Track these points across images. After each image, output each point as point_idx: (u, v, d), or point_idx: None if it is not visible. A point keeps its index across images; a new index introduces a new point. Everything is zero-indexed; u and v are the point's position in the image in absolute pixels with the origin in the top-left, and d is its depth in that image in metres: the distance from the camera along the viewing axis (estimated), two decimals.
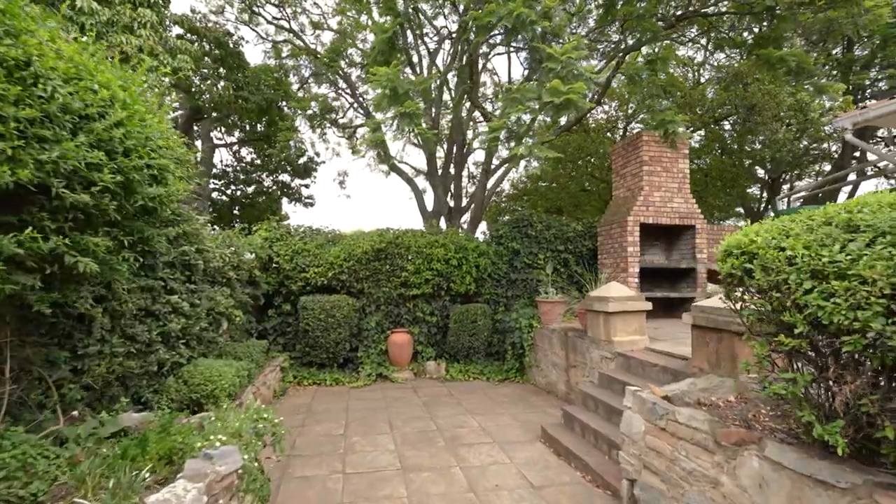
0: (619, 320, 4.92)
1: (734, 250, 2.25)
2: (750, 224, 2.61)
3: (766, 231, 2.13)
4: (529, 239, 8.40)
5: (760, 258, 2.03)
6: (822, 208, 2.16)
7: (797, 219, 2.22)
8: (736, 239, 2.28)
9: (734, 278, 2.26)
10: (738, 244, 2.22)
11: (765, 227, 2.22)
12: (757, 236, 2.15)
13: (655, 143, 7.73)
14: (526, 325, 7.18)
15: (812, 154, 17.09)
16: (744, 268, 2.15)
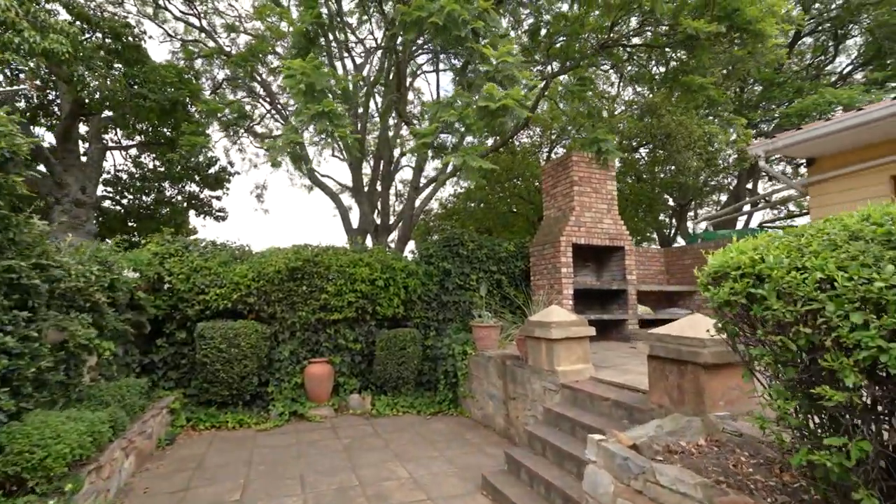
0: (563, 348, 4.53)
1: (730, 272, 1.86)
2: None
3: (774, 247, 1.76)
4: (461, 258, 7.94)
5: (774, 281, 1.64)
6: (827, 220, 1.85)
7: (783, 235, 1.90)
8: (730, 258, 1.90)
9: (732, 308, 1.87)
10: (737, 264, 1.83)
11: (764, 242, 1.86)
12: (760, 253, 1.77)
13: (585, 164, 7.70)
14: (459, 352, 6.64)
15: (710, 185, 18.71)
16: (748, 294, 1.76)
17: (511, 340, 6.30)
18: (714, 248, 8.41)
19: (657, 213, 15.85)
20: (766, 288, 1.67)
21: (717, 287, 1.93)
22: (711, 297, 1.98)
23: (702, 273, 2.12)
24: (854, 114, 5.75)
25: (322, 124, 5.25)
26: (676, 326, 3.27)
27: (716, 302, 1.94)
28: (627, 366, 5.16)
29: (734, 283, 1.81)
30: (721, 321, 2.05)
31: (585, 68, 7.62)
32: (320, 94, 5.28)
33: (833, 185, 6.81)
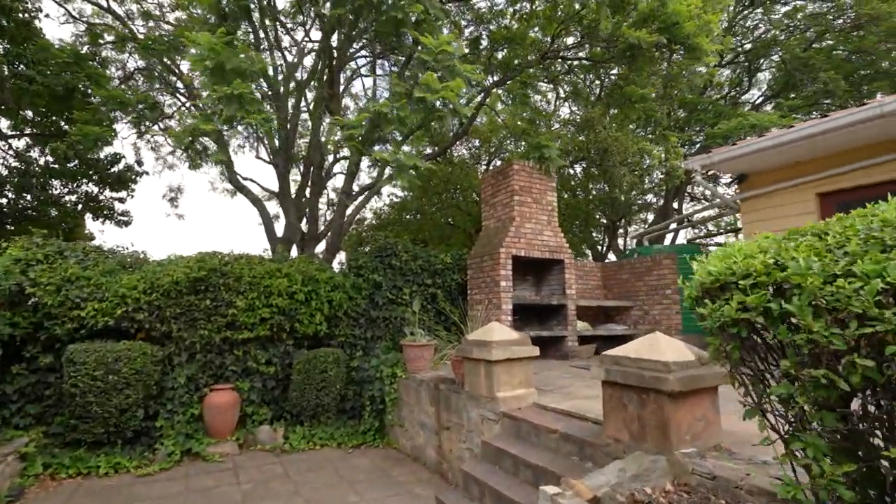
0: (504, 371, 3.99)
1: (736, 280, 1.37)
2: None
3: (795, 248, 1.29)
4: (393, 270, 7.27)
5: (807, 293, 1.16)
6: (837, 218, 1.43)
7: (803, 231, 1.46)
8: (732, 263, 1.42)
9: (742, 328, 1.37)
10: (746, 270, 1.35)
11: (774, 244, 1.40)
12: (776, 255, 1.30)
13: (526, 173, 7.37)
14: (388, 375, 5.91)
15: (639, 204, 19.47)
16: (765, 309, 1.27)
17: (446, 361, 5.69)
18: (651, 262, 8.40)
19: (591, 229, 16.09)
20: (795, 303, 1.19)
21: (716, 302, 1.44)
22: (709, 314, 1.49)
23: (688, 284, 1.64)
24: (787, 130, 5.81)
25: (231, 109, 4.41)
26: (634, 347, 2.82)
27: (716, 320, 1.45)
28: (571, 388, 4.72)
29: (744, 296, 1.32)
30: (724, 346, 1.55)
31: (526, 76, 7.37)
32: (232, 74, 4.46)
33: (764, 201, 6.92)
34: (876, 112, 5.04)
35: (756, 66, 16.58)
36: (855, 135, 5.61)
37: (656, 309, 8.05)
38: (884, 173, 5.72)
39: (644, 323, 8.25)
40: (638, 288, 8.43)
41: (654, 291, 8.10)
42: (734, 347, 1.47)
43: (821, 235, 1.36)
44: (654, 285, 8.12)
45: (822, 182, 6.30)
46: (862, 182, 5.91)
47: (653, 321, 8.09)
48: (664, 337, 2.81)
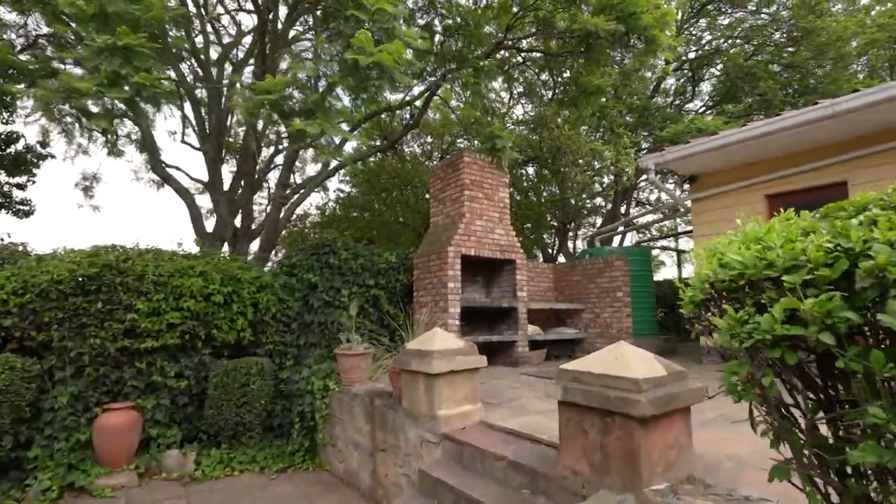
0: (446, 385, 3.45)
1: (779, 274, 0.89)
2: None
3: (873, 224, 0.83)
4: (331, 270, 6.57)
5: None
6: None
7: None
8: (766, 249, 0.94)
9: (786, 350, 0.89)
10: (793, 258, 0.87)
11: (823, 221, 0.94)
12: (842, 237, 0.83)
13: (477, 167, 6.91)
14: (319, 387, 5.23)
15: (588, 207, 19.65)
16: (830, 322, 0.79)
17: (386, 372, 5.09)
18: (603, 264, 8.18)
19: (543, 231, 15.97)
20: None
21: (743, 308, 0.96)
22: (732, 327, 1.00)
23: (691, 287, 1.16)
24: (740, 129, 5.67)
25: (113, 64, 3.56)
26: (596, 360, 2.36)
27: (745, 337, 0.96)
28: (522, 400, 4.26)
29: (795, 299, 0.84)
30: (755, 375, 1.07)
31: (478, 62, 6.93)
32: (116, 20, 3.62)
33: (714, 202, 6.81)
34: (828, 112, 4.95)
35: (700, 75, 17.14)
36: (805, 136, 5.55)
37: (607, 312, 7.82)
38: (833, 175, 5.70)
39: (595, 326, 8.00)
40: (589, 290, 8.18)
41: (606, 294, 7.88)
42: (766, 373, 0.98)
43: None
44: (606, 287, 7.89)
45: (771, 183, 6.25)
46: (812, 184, 5.87)
47: (604, 324, 7.86)
48: (630, 347, 2.37)
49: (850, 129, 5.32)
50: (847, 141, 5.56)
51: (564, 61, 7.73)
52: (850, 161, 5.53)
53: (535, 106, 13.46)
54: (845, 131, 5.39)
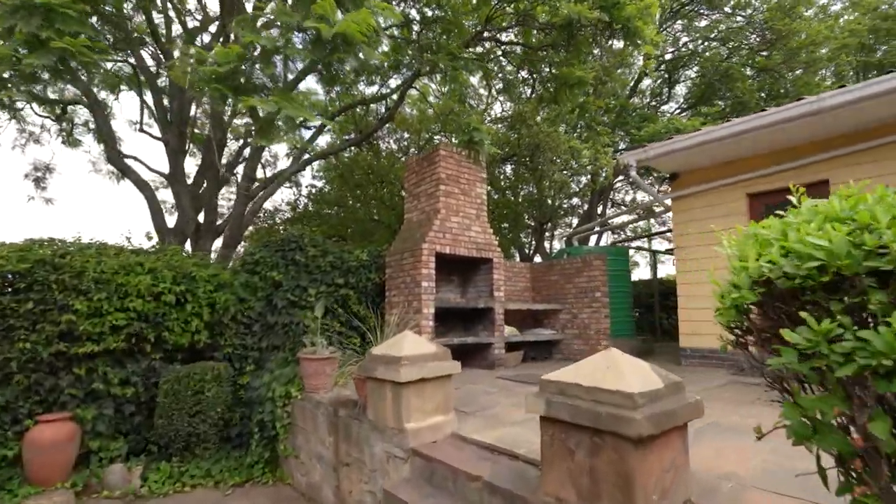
0: (416, 394, 3.12)
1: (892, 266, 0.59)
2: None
3: None
4: (297, 267, 6.16)
5: None
6: None
7: None
8: (863, 227, 0.65)
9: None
10: None
11: None
12: None
13: (454, 160, 6.60)
14: (281, 394, 4.83)
15: (564, 208, 19.63)
16: None
17: (352, 377, 4.73)
18: (581, 263, 7.99)
19: (520, 231, 15.80)
20: None
21: (818, 311, 0.66)
22: (815, 341, 0.70)
23: (733, 286, 0.87)
24: (725, 125, 5.52)
25: (31, 24, 3.08)
26: (584, 370, 2.07)
27: (840, 360, 0.66)
28: (498, 408, 3.97)
29: None
30: (854, 412, 0.77)
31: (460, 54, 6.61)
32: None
33: (695, 200, 6.67)
34: (813, 108, 4.82)
35: (676, 77, 17.26)
36: (787, 134, 5.44)
37: (585, 312, 7.63)
38: (815, 174, 5.61)
39: (572, 327, 7.80)
40: (567, 290, 7.98)
41: (584, 294, 7.68)
42: (887, 425, 0.69)
43: None
44: (584, 287, 7.70)
45: (752, 182, 6.14)
46: (793, 183, 5.75)
47: (581, 325, 7.66)
48: (623, 355, 2.09)
49: (833, 126, 5.23)
50: (829, 139, 5.48)
51: (545, 56, 7.50)
52: (832, 160, 5.45)
53: (513, 103, 13.25)
54: (827, 129, 5.30)
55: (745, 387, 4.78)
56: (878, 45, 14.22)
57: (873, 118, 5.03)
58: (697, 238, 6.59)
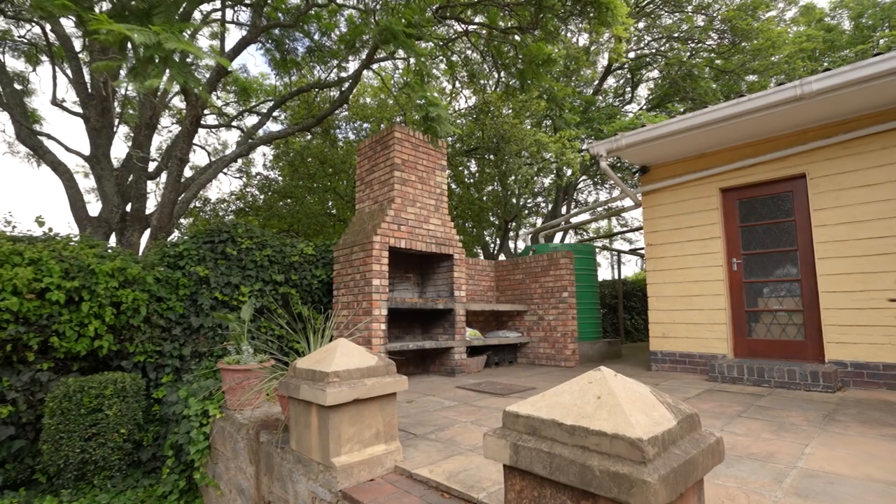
0: (349, 420, 2.47)
1: None
2: None
3: None
4: (229, 262, 5.36)
5: None
6: None
7: None
8: None
9: None
10: None
11: None
12: None
13: (410, 144, 5.96)
14: (197, 412, 4.05)
15: (528, 208, 19.37)
16: None
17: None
18: (548, 261, 7.52)
19: (484, 229, 15.33)
20: None
21: None
22: None
23: None
24: (703, 111, 5.12)
25: None
26: (566, 398, 1.48)
27: None
28: (456, 427, 3.36)
29: None
30: None
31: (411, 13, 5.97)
32: None
33: (666, 195, 6.30)
34: (797, 93, 4.47)
35: (639, 77, 17.25)
36: (765, 125, 5.11)
37: (552, 313, 7.16)
38: (789, 168, 5.30)
39: (538, 329, 7.33)
40: (533, 290, 7.49)
41: (551, 294, 7.22)
42: None
43: None
44: (551, 287, 7.23)
45: (726, 176, 5.81)
46: (769, 177, 5.46)
47: (548, 327, 7.19)
48: (615, 376, 1.52)
49: (812, 115, 4.93)
50: (806, 130, 5.19)
51: (511, 37, 6.97)
52: (810, 152, 5.17)
53: (477, 91, 12.71)
54: (806, 118, 5.01)
55: (726, 395, 4.39)
56: (823, 58, 14.63)
57: (854, 107, 4.75)
58: (668, 235, 6.23)
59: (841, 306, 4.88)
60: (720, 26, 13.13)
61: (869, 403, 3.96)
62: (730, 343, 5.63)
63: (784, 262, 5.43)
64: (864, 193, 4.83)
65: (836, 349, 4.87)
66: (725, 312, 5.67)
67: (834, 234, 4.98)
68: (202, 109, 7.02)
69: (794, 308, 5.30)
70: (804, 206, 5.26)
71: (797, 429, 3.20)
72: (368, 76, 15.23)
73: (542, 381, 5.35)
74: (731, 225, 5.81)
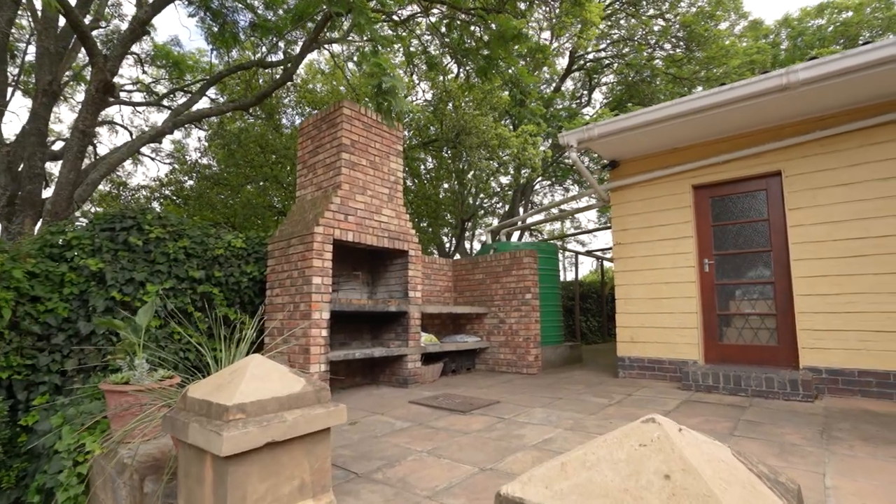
0: (259, 471, 1.74)
1: None
2: None
3: None
4: (133, 254, 4.40)
5: None
6: None
7: None
8: None
9: None
10: None
11: None
12: None
13: (362, 124, 5.23)
14: (70, 447, 3.12)
15: (485, 207, 19.00)
16: None
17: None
18: (510, 260, 6.97)
19: (441, 226, 14.73)
20: None
21: None
22: None
23: None
24: (681, 100, 4.73)
25: None
26: (607, 479, 0.84)
27: None
28: (409, 461, 2.69)
29: None
30: None
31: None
32: None
33: (637, 191, 5.91)
34: (782, 81, 4.15)
35: (596, 81, 17.30)
36: (741, 117, 4.81)
37: (514, 316, 6.63)
38: (764, 165, 5.03)
39: (499, 333, 6.78)
40: (494, 291, 6.94)
41: (513, 296, 6.69)
42: None
43: None
44: (513, 288, 6.71)
45: (698, 172, 5.48)
46: (743, 174, 5.16)
47: (509, 331, 6.66)
48: (680, 432, 0.90)
49: (793, 109, 4.67)
50: (785, 126, 4.94)
51: (479, 17, 6.39)
52: (786, 149, 4.91)
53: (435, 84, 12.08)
54: (785, 113, 4.74)
55: (707, 407, 3.98)
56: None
57: (834, 103, 4.52)
58: (638, 233, 5.86)
59: (816, 310, 4.64)
60: (677, 33, 13.28)
61: (855, 415, 3.66)
62: (701, 348, 5.30)
63: (757, 263, 5.16)
64: (841, 193, 4.61)
65: (811, 355, 4.62)
66: (697, 316, 5.34)
67: (810, 234, 4.74)
68: (111, 74, 5.93)
69: (768, 311, 5.03)
70: (779, 206, 5.01)
71: (801, 451, 2.78)
72: (319, 60, 14.26)
73: (506, 393, 4.78)
74: (703, 224, 5.50)
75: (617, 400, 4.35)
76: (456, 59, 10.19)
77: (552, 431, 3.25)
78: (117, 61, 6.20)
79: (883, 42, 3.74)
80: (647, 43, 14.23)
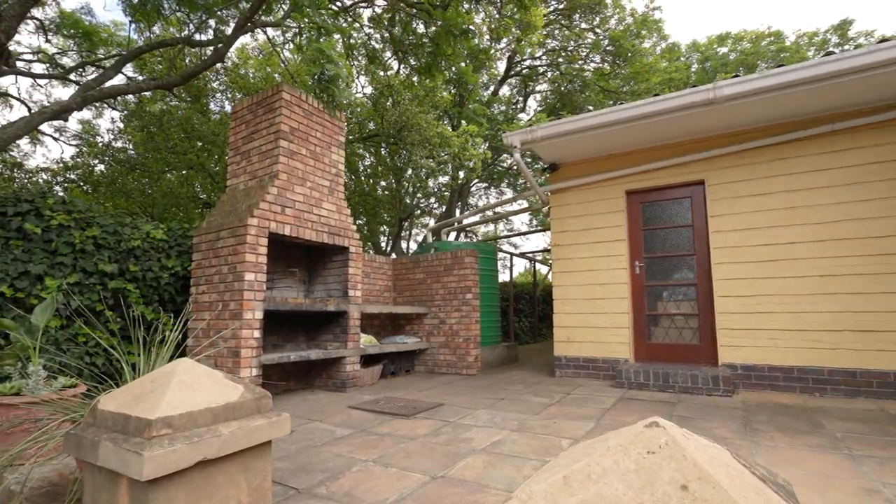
0: (187, 494, 1.51)
1: None
2: None
3: None
4: (29, 243, 3.81)
5: None
6: None
7: None
8: None
9: None
10: None
11: None
12: None
13: (302, 111, 4.93)
14: None
15: (422, 207, 18.93)
16: None
17: None
18: (451, 260, 6.93)
19: (379, 224, 14.44)
20: None
21: None
22: None
23: None
24: (620, 107, 4.93)
25: None
26: (618, 493, 0.77)
27: None
28: (353, 471, 2.52)
29: None
30: None
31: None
32: None
33: (575, 195, 6.09)
34: (708, 96, 4.45)
35: (531, 88, 17.83)
36: (671, 128, 5.11)
37: (454, 316, 6.60)
38: (690, 174, 5.39)
39: (439, 333, 6.71)
40: (435, 291, 6.86)
41: (453, 296, 6.65)
42: None
43: None
44: (454, 288, 6.67)
45: (631, 178, 5.76)
46: (672, 181, 5.49)
47: (449, 331, 6.61)
48: (687, 437, 0.86)
49: (716, 123, 5.03)
50: (709, 138, 5.32)
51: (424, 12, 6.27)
52: (709, 160, 5.29)
53: (375, 78, 11.81)
54: (709, 126, 5.11)
55: (641, 404, 4.15)
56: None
57: (752, 119, 4.93)
58: (576, 235, 6.05)
59: (733, 310, 5.03)
60: (607, 47, 14.02)
61: (769, 408, 3.99)
62: (632, 347, 5.56)
63: (683, 266, 5.51)
64: (755, 202, 5.03)
65: (729, 352, 5.00)
66: (628, 316, 5.60)
67: (728, 240, 5.12)
68: (6, 37, 5.13)
69: (691, 312, 5.38)
70: (702, 212, 5.38)
71: (731, 444, 2.96)
72: (252, 46, 13.42)
73: (448, 395, 4.71)
74: (635, 227, 5.78)
75: (557, 399, 4.43)
76: (397, 55, 10.02)
77: (499, 434, 3.21)
78: (14, 22, 5.37)
79: (795, 66, 4.12)
80: (579, 55, 14.89)
